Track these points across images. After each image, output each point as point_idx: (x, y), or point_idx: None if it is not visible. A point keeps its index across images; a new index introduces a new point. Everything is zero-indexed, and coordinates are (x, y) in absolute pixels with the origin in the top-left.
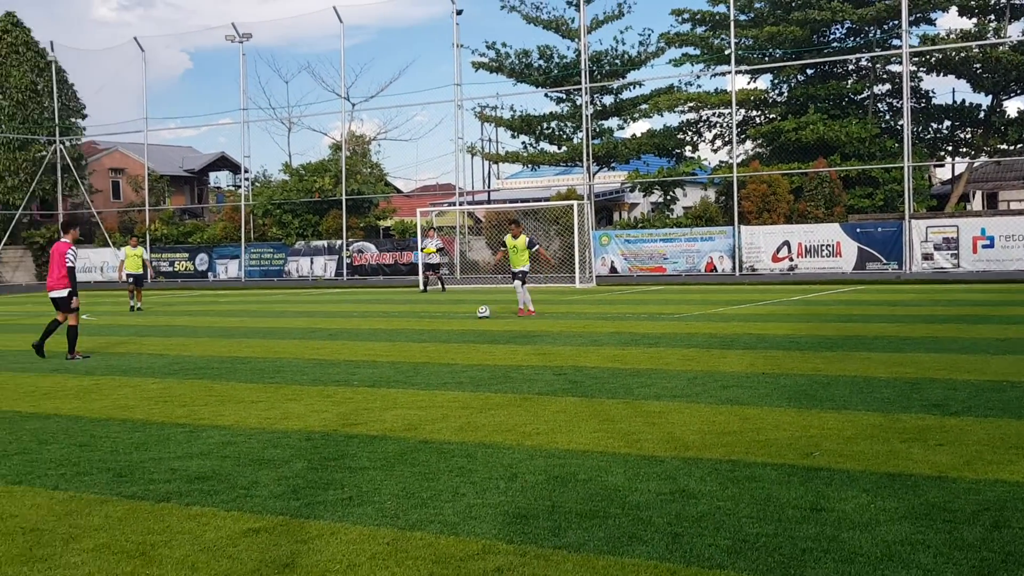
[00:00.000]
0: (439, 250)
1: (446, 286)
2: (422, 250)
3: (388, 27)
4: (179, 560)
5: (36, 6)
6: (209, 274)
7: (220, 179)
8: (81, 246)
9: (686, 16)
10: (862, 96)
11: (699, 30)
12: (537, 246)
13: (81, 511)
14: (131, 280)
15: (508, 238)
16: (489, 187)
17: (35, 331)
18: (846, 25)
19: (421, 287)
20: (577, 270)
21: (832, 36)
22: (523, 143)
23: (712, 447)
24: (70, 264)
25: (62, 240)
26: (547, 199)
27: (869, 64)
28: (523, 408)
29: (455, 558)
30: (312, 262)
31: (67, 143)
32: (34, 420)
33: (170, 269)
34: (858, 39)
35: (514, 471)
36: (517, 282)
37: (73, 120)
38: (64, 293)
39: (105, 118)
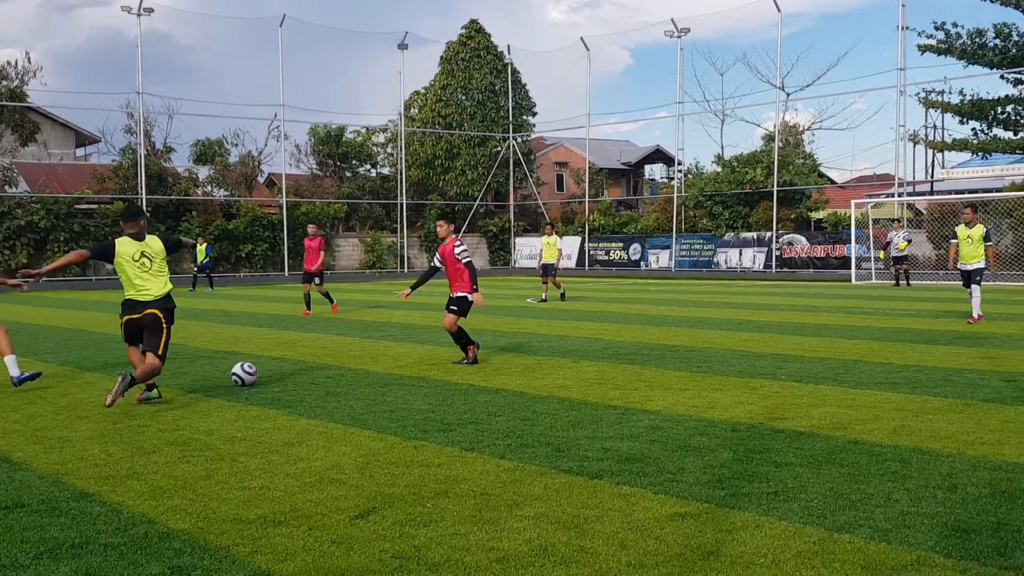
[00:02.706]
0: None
1: (902, 283)
2: (886, 245)
3: (828, 13)
4: (609, 535)
5: (496, 12)
6: (641, 263)
7: (654, 171)
8: (527, 235)
9: None
10: None
11: None
12: (992, 241)
13: (523, 480)
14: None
15: (960, 228)
16: (932, 177)
17: (493, 312)
18: None
19: (894, 281)
20: None
21: None
22: (973, 129)
23: None
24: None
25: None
26: (998, 190)
27: None
28: (965, 415)
29: (886, 566)
30: (741, 254)
31: (519, 139)
32: (485, 393)
33: (605, 258)
34: None
35: (954, 481)
36: (974, 286)
37: (525, 118)
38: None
39: (551, 115)
